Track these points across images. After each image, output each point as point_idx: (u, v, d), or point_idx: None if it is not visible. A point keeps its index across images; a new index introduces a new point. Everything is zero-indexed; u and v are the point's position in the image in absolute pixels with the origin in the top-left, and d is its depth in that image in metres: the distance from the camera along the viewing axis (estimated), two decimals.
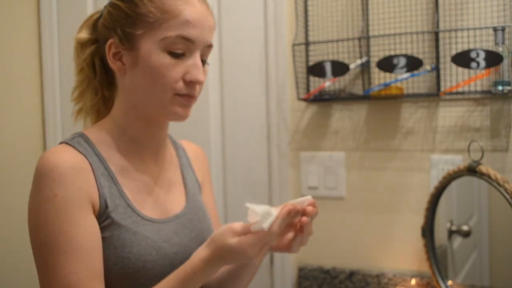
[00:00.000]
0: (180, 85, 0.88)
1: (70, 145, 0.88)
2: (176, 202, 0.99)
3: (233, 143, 1.73)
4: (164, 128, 0.98)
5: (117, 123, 0.93)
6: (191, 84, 0.88)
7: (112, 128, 0.93)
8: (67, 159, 0.84)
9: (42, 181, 0.81)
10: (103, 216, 0.86)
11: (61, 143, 0.90)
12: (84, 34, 0.96)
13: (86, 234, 0.82)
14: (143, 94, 0.89)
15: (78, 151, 0.87)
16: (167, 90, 0.87)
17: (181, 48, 0.87)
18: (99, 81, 0.97)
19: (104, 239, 0.85)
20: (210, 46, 0.92)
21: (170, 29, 0.86)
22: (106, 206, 0.86)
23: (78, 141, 0.89)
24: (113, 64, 0.90)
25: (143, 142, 0.95)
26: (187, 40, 0.86)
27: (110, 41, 0.90)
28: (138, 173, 0.93)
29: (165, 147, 1.01)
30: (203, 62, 0.92)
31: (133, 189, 0.92)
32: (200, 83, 0.89)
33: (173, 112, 0.89)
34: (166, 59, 0.86)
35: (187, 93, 0.89)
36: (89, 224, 0.83)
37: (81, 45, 0.96)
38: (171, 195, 0.99)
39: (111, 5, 0.92)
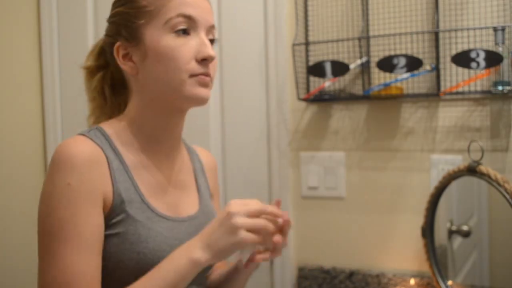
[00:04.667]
0: (193, 65, 0.88)
1: (87, 137, 0.88)
2: (189, 204, 0.99)
3: (233, 143, 1.73)
4: (180, 125, 0.98)
5: (133, 120, 0.93)
6: (204, 62, 0.89)
7: (128, 125, 0.93)
8: (84, 150, 0.84)
9: (57, 169, 0.82)
10: (116, 210, 0.85)
11: (78, 134, 0.90)
12: (90, 62, 0.99)
13: (93, 230, 0.82)
14: (160, 84, 0.90)
15: (95, 143, 0.87)
16: (182, 71, 0.88)
17: (185, 26, 0.88)
18: (109, 107, 1.00)
19: (118, 234, 0.85)
20: (213, 27, 0.93)
21: (170, 11, 0.88)
22: (122, 201, 0.86)
23: (95, 134, 0.89)
24: (124, 65, 0.91)
25: (159, 140, 0.95)
26: (189, 18, 0.88)
27: (117, 44, 0.91)
28: (151, 171, 0.93)
29: (179, 149, 1.01)
30: (211, 41, 0.93)
31: (147, 185, 0.92)
32: (211, 58, 0.89)
33: (194, 93, 0.89)
34: (173, 41, 0.88)
35: (202, 72, 0.89)
36: (97, 220, 0.83)
37: (89, 73, 0.99)
38: (184, 196, 0.99)
39: (110, 16, 0.95)
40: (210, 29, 0.92)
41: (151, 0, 0.89)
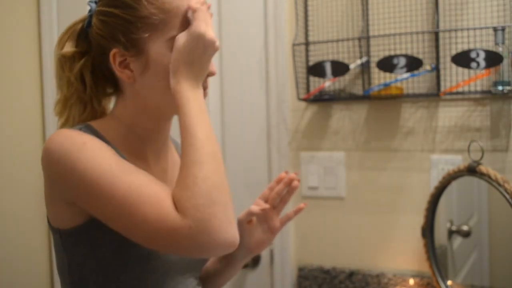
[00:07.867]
0: None
1: (78, 130, 0.86)
2: None
3: (233, 143, 1.73)
4: (169, 125, 0.97)
5: (122, 121, 0.92)
6: (205, 77, 0.89)
7: (116, 126, 0.91)
8: (80, 132, 0.84)
9: (64, 146, 0.79)
10: None
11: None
12: (70, 48, 0.93)
13: (129, 164, 0.81)
14: (159, 97, 0.88)
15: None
16: None
17: None
18: (89, 94, 0.93)
19: None
20: None
21: (175, 28, 0.84)
22: None
23: (85, 131, 0.87)
24: (121, 73, 0.87)
25: (148, 140, 0.94)
26: None
27: (113, 50, 0.86)
28: (144, 167, 0.92)
29: (167, 146, 1.00)
30: None
31: None
32: (214, 74, 0.90)
33: None
34: None
35: (202, 87, 0.88)
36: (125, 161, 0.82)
37: (68, 59, 0.93)
38: None
39: (102, 13, 0.89)
40: None
41: (154, 11, 0.84)
